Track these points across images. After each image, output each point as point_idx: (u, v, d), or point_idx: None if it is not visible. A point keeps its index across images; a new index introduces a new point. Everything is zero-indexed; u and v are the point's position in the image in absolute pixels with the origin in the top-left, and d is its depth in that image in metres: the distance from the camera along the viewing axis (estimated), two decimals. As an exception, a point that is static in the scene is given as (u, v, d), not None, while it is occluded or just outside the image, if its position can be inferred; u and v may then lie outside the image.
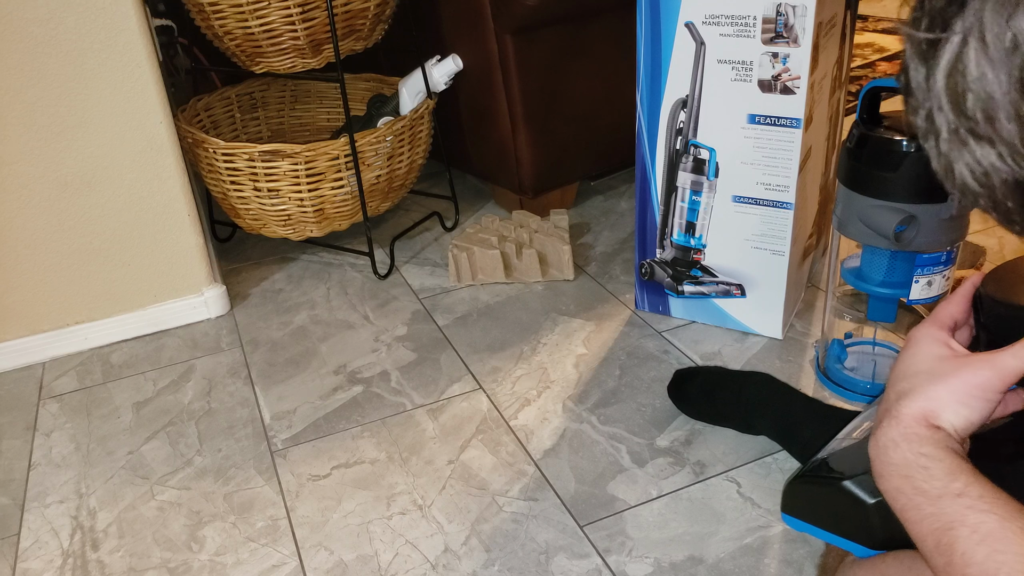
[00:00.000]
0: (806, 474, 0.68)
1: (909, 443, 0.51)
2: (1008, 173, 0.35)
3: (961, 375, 0.52)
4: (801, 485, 0.68)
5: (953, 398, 0.51)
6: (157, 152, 1.29)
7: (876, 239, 0.97)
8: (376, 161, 1.46)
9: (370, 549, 0.93)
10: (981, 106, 0.34)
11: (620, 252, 1.52)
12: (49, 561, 0.96)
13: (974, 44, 0.33)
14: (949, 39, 0.34)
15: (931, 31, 0.35)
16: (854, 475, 0.62)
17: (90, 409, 1.22)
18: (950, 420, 0.51)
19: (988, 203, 0.38)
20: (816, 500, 0.66)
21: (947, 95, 0.35)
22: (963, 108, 0.35)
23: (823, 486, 0.65)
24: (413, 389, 1.20)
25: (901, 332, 1.21)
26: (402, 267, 1.54)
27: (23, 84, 1.18)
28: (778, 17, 1.03)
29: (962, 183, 0.38)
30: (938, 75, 0.35)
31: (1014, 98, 0.33)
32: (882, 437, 0.53)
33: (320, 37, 1.39)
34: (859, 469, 0.62)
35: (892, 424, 0.52)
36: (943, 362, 0.53)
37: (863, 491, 0.61)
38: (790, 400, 1.01)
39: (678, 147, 1.18)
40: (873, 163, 0.94)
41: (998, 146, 0.34)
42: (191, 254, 1.38)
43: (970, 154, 0.36)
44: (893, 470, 0.51)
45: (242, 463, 1.08)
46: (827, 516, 0.65)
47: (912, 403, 0.52)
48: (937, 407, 0.51)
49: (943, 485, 0.48)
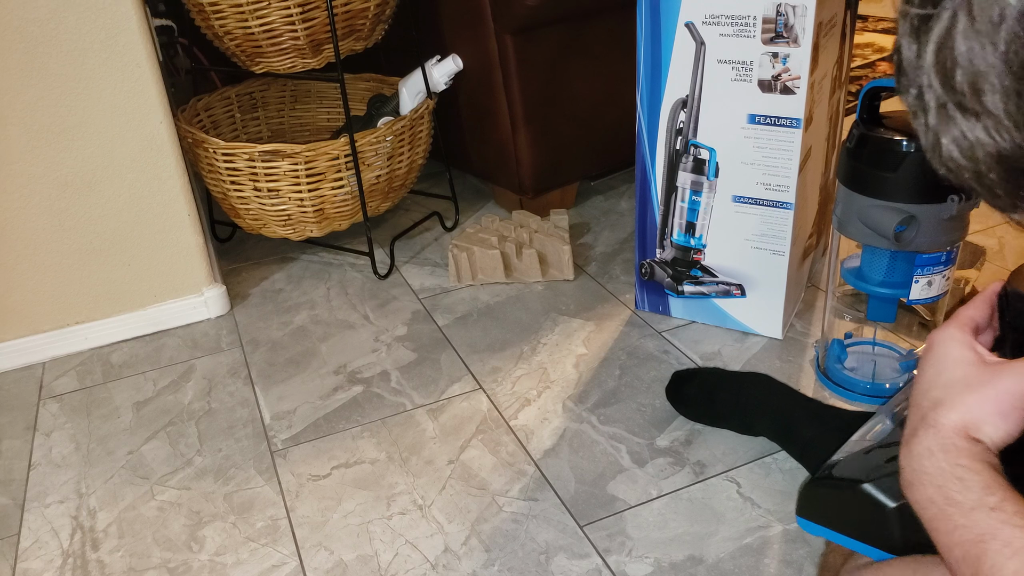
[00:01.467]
0: (823, 477, 0.66)
1: (947, 454, 0.50)
2: (992, 146, 0.36)
3: (999, 384, 0.50)
4: (818, 488, 0.67)
5: (993, 409, 0.50)
6: (157, 152, 1.29)
7: (876, 239, 0.97)
8: (376, 161, 1.46)
9: (370, 549, 0.93)
10: (968, 80, 0.35)
11: (620, 252, 1.52)
12: (49, 561, 0.96)
13: (963, 18, 0.34)
14: (939, 15, 0.35)
15: (923, 7, 0.36)
16: (874, 478, 0.61)
17: (90, 409, 1.22)
18: (989, 433, 0.50)
19: (972, 177, 0.39)
20: (833, 503, 0.65)
21: (936, 70, 0.36)
22: (951, 82, 0.35)
23: (841, 489, 0.64)
24: (413, 389, 1.20)
25: (901, 332, 1.21)
26: (402, 267, 1.54)
27: (23, 84, 1.18)
28: (778, 17, 1.03)
29: (948, 157, 0.39)
30: (928, 51, 0.36)
31: (1000, 71, 0.34)
32: (917, 446, 0.52)
33: (320, 37, 1.39)
34: (878, 472, 0.61)
35: (929, 434, 0.51)
36: (976, 369, 0.52)
37: (884, 495, 0.60)
38: (789, 400, 1.01)
39: (678, 147, 1.18)
40: (873, 163, 0.94)
41: (983, 119, 0.35)
42: (191, 254, 1.38)
43: (957, 128, 0.37)
44: (927, 479, 0.50)
45: (242, 463, 1.08)
46: (845, 520, 0.64)
47: (951, 413, 0.51)
48: (978, 419, 0.50)
49: (978, 498, 0.47)
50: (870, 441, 0.67)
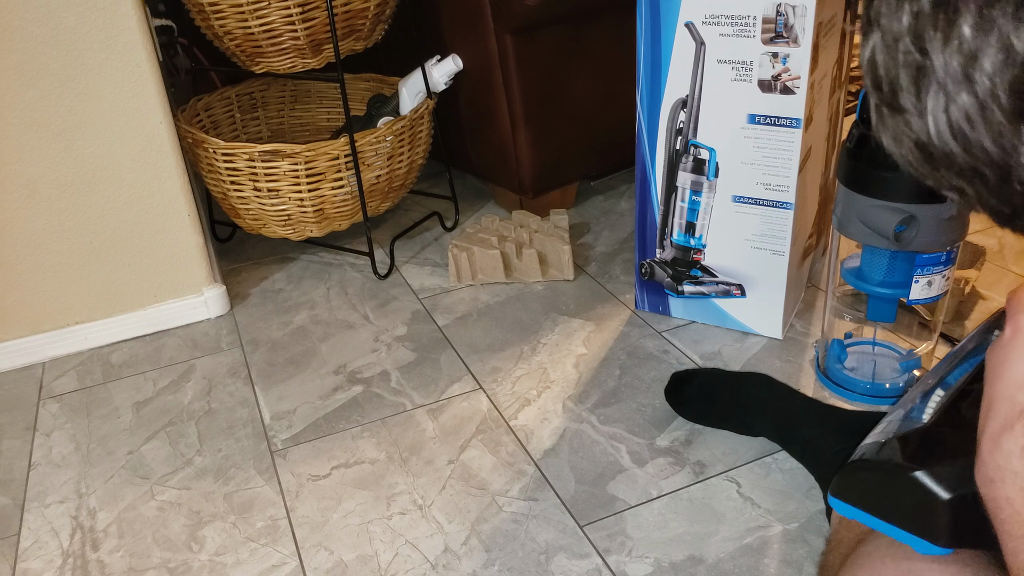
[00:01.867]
0: (867, 458, 0.61)
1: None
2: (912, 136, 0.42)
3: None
4: (861, 469, 0.62)
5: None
6: (157, 152, 1.29)
7: (876, 239, 0.97)
8: (376, 161, 1.46)
9: (370, 549, 0.93)
10: (887, 82, 0.42)
11: (620, 252, 1.52)
12: (49, 561, 0.96)
13: (877, 33, 0.41)
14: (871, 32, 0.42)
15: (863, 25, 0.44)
16: (928, 466, 0.56)
17: (90, 409, 1.22)
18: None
19: (906, 165, 0.45)
20: (877, 486, 0.60)
21: (870, 77, 0.43)
22: (879, 85, 0.42)
23: (889, 474, 0.59)
24: (413, 389, 1.20)
25: (901, 332, 1.21)
26: (402, 267, 1.54)
27: (23, 84, 1.18)
28: (778, 17, 1.03)
29: (889, 150, 0.45)
30: (865, 58, 0.43)
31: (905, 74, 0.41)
32: (1009, 442, 0.49)
33: (320, 37, 1.39)
34: (933, 460, 0.56)
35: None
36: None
37: (939, 485, 0.55)
38: (789, 400, 1.01)
39: (678, 147, 1.18)
40: (873, 163, 0.94)
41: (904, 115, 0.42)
42: (191, 254, 1.38)
43: (889, 125, 0.44)
44: (1011, 479, 0.48)
45: (242, 463, 1.08)
46: (887, 505, 0.59)
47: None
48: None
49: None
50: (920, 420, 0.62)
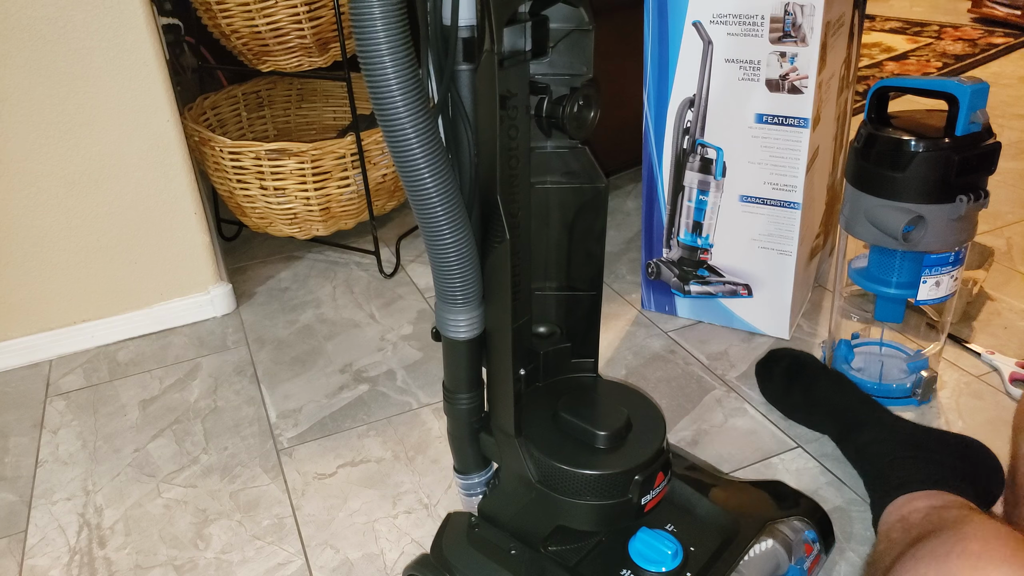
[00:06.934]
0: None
1: None
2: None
3: None
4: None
5: None
6: (164, 150, 1.30)
7: (884, 239, 0.97)
8: (382, 160, 1.46)
9: (376, 548, 0.93)
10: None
11: (626, 252, 1.52)
12: (56, 558, 0.96)
13: None
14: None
15: None
16: None
17: (97, 407, 1.22)
18: None
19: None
20: None
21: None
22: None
23: None
24: (419, 388, 1.20)
25: (908, 333, 1.20)
26: (408, 266, 1.54)
27: (31, 82, 1.18)
28: (786, 16, 1.03)
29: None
30: None
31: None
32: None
33: (327, 36, 1.39)
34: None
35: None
36: None
37: None
38: (856, 402, 1.01)
39: (685, 146, 1.18)
40: (881, 163, 0.94)
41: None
42: (197, 252, 1.38)
43: None
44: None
45: (248, 461, 1.08)
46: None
47: None
48: None
49: None
50: None
